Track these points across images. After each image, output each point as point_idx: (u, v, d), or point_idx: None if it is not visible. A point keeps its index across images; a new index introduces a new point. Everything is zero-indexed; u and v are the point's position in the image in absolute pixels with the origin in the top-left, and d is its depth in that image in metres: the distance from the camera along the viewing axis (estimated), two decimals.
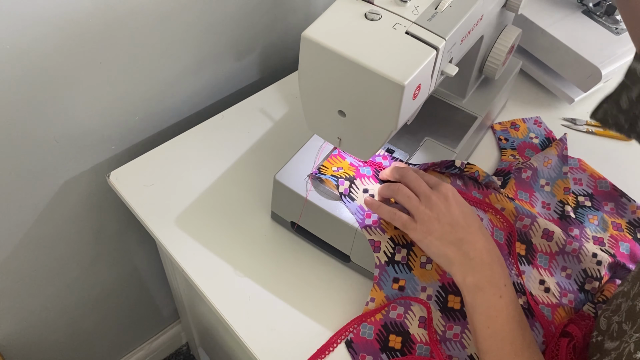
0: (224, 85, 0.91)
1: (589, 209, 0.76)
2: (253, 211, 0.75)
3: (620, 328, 0.51)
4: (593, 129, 0.88)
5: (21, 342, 0.99)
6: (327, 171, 0.67)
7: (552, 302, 0.66)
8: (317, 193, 0.66)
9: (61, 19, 0.64)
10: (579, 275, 0.68)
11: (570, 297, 0.67)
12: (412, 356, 0.62)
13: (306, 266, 0.70)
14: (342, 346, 0.64)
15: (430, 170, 0.69)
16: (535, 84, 0.94)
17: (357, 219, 0.64)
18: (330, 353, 0.63)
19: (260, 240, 0.72)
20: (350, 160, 0.69)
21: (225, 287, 0.68)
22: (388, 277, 0.65)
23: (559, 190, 0.76)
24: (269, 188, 0.71)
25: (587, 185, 0.78)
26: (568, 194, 0.76)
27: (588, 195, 0.78)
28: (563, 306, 0.66)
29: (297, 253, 0.71)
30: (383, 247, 0.64)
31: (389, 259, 0.64)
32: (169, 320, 1.32)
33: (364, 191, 0.66)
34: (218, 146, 0.82)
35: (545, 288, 0.67)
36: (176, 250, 0.70)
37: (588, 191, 0.78)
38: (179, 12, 0.75)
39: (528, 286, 0.66)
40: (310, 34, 0.53)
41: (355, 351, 0.63)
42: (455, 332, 0.63)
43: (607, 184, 0.79)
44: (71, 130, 0.76)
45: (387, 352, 0.63)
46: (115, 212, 0.93)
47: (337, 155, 0.69)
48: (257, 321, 0.65)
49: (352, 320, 0.65)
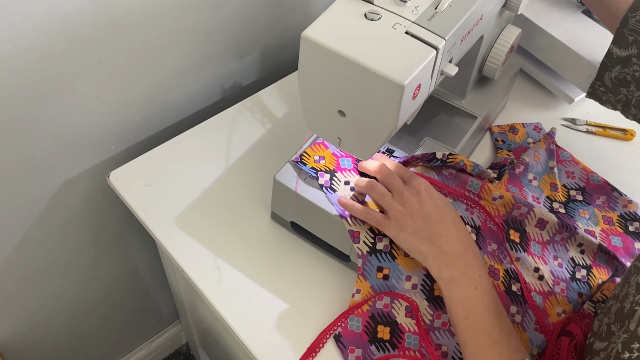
0: (224, 85, 0.91)
1: (580, 204, 0.76)
2: (253, 211, 0.75)
3: (609, 329, 0.52)
4: (593, 129, 0.88)
5: (21, 342, 0.99)
6: (309, 161, 0.68)
7: (544, 290, 0.67)
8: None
9: (61, 19, 0.64)
10: (569, 264, 0.70)
11: (563, 286, 0.68)
12: (401, 353, 0.62)
13: (306, 266, 0.70)
14: (332, 342, 0.64)
15: (416, 164, 0.69)
16: (535, 84, 0.94)
17: (337, 209, 0.65)
18: (321, 350, 0.63)
19: (260, 240, 0.72)
20: (333, 149, 0.69)
21: (225, 287, 0.68)
22: (372, 267, 0.65)
23: (545, 186, 0.77)
24: (269, 188, 0.71)
25: (580, 178, 0.79)
26: (555, 190, 0.76)
27: (580, 189, 0.78)
28: (555, 295, 0.67)
29: (297, 253, 0.71)
30: (362, 237, 0.64)
31: (371, 248, 0.65)
32: (169, 320, 1.32)
33: (345, 183, 0.67)
34: (218, 146, 0.82)
35: (540, 276, 0.67)
36: (176, 250, 0.70)
37: (580, 184, 0.78)
38: (179, 12, 0.75)
39: (522, 273, 0.67)
40: (310, 33, 0.53)
41: (344, 345, 0.63)
42: (443, 321, 0.63)
43: (599, 178, 0.79)
44: (71, 130, 0.76)
45: (376, 343, 0.63)
46: (115, 212, 0.93)
47: (321, 143, 0.69)
48: (257, 321, 0.65)
49: (340, 314, 0.65)
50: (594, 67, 0.82)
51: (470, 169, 0.69)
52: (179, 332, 1.38)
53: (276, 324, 0.65)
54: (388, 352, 0.62)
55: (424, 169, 0.69)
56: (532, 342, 0.64)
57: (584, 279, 0.70)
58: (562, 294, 0.67)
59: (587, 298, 0.69)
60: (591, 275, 0.70)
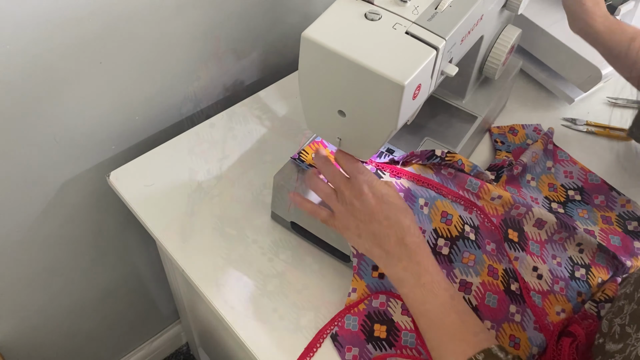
0: (224, 85, 0.92)
1: (579, 203, 0.76)
2: (253, 211, 0.75)
3: (624, 331, 0.51)
4: (593, 129, 0.88)
5: (21, 342, 0.99)
6: (307, 157, 0.68)
7: (543, 289, 0.67)
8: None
9: (61, 19, 0.64)
10: (568, 263, 0.70)
11: (562, 285, 0.68)
12: (398, 352, 0.62)
13: (306, 266, 0.70)
14: (330, 341, 0.64)
15: (414, 164, 0.69)
16: (535, 84, 0.94)
17: None
18: (319, 349, 0.63)
19: (260, 240, 0.72)
20: (331, 147, 0.69)
21: (225, 287, 0.68)
22: (367, 265, 0.65)
23: (543, 186, 0.77)
24: (269, 188, 0.71)
25: (578, 177, 0.79)
26: (553, 191, 0.76)
27: (578, 189, 0.78)
28: (554, 293, 0.67)
29: (297, 253, 0.71)
30: None
31: None
32: (169, 320, 1.32)
33: None
34: (218, 146, 0.82)
35: (538, 275, 0.67)
36: (176, 250, 0.70)
37: (578, 184, 0.78)
38: (179, 12, 0.75)
39: (521, 272, 0.67)
40: (310, 33, 0.53)
41: (341, 344, 0.63)
42: None
43: (598, 178, 0.79)
44: (71, 130, 0.76)
45: (372, 342, 0.63)
46: (115, 212, 0.93)
47: (320, 141, 0.69)
48: (256, 321, 0.65)
49: (337, 314, 0.65)
50: (594, 67, 0.82)
51: (468, 169, 0.69)
52: (179, 332, 1.38)
53: (275, 324, 0.65)
54: (385, 350, 0.62)
55: (422, 169, 0.68)
56: (532, 341, 0.64)
57: (583, 277, 0.70)
58: (561, 293, 0.67)
59: (586, 297, 0.69)
60: (590, 274, 0.70)
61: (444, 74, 0.59)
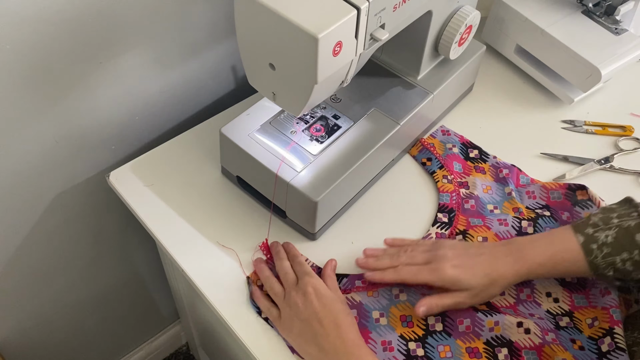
0: (224, 85, 0.92)
1: (549, 219, 0.74)
2: (254, 211, 0.75)
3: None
4: (592, 128, 0.88)
5: (21, 342, 0.99)
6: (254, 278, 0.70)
7: (535, 344, 0.62)
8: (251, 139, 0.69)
9: (61, 19, 0.64)
10: (548, 317, 0.66)
11: (552, 335, 0.63)
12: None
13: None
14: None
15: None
16: (535, 84, 0.94)
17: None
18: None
19: (262, 239, 0.72)
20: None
21: (225, 287, 0.68)
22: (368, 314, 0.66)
23: (508, 211, 0.75)
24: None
25: (540, 197, 0.77)
26: (519, 214, 0.74)
27: (544, 207, 0.76)
28: (548, 344, 0.62)
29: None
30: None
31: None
32: (169, 320, 1.32)
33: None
34: (218, 146, 0.81)
35: (525, 330, 0.63)
36: (176, 250, 0.70)
37: (542, 203, 0.76)
38: (180, 12, 0.75)
39: (506, 335, 0.63)
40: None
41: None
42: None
43: (560, 194, 0.76)
44: (71, 130, 0.76)
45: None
46: (115, 212, 0.93)
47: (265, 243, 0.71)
48: (256, 321, 0.65)
49: None
50: (594, 67, 0.82)
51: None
52: (179, 332, 1.38)
53: None
54: None
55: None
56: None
57: (570, 324, 0.65)
58: (555, 343, 0.62)
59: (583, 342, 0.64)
60: (576, 319, 0.66)
61: (374, 38, 0.60)
